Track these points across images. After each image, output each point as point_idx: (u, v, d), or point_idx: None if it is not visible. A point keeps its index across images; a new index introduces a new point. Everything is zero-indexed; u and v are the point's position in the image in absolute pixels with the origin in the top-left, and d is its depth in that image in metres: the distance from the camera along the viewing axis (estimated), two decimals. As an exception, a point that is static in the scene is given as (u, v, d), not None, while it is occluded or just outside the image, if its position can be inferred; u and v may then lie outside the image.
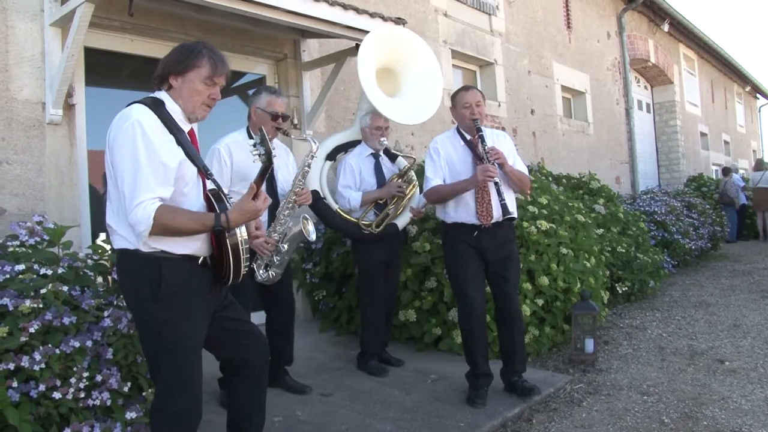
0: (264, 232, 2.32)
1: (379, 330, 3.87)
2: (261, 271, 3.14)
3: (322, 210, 3.85)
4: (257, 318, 3.00)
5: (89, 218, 3.87)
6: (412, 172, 3.92)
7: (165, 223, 1.92)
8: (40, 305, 2.26)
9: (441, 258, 4.05)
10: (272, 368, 2.64)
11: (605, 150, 10.60)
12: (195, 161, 2.08)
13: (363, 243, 3.82)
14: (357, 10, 4.47)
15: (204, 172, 2.12)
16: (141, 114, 1.98)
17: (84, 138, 3.84)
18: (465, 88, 3.46)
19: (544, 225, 4.38)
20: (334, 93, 5.21)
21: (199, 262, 2.09)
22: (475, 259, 3.31)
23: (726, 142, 18.12)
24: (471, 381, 3.34)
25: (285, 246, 3.14)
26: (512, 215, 3.24)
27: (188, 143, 2.08)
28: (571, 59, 9.79)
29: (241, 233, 2.04)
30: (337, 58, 4.94)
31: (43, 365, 2.16)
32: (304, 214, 3.20)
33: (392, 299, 4.01)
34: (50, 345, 2.20)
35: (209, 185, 2.14)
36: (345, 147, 4.06)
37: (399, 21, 4.91)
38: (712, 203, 11.20)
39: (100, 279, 2.79)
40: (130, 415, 2.27)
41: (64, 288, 2.37)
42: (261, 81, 5.12)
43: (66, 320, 2.27)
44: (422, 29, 6.46)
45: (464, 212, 3.32)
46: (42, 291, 2.31)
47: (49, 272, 2.44)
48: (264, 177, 2.02)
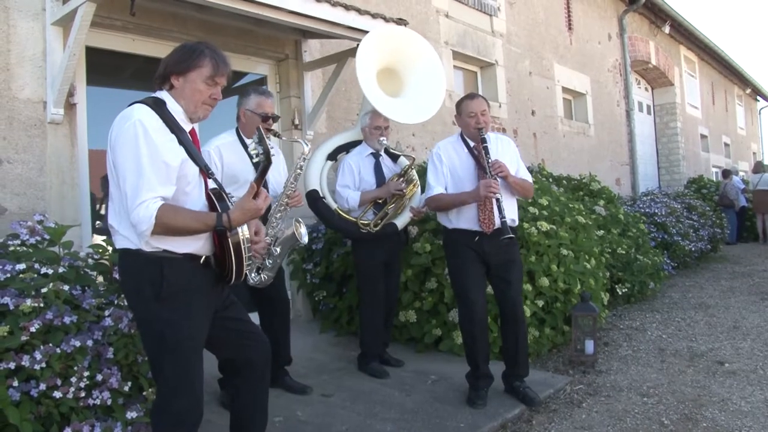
0: (263, 237, 2.31)
1: (378, 330, 3.86)
2: (253, 275, 3.10)
3: (322, 210, 3.85)
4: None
5: (90, 218, 3.88)
6: (413, 172, 3.92)
7: (167, 222, 1.92)
8: (41, 304, 2.26)
9: (442, 259, 4.05)
10: (272, 369, 2.64)
11: (606, 151, 10.61)
12: (197, 161, 2.08)
13: (362, 243, 3.82)
14: (359, 11, 4.47)
15: (205, 172, 2.12)
16: (143, 114, 1.98)
17: (85, 137, 3.84)
18: (470, 96, 3.43)
19: (545, 226, 4.38)
20: (335, 93, 5.21)
21: (201, 262, 2.09)
22: (477, 261, 3.31)
23: (726, 145, 18.13)
24: (471, 382, 3.35)
25: (277, 249, 3.11)
26: (511, 236, 3.14)
27: (190, 143, 2.08)
28: (572, 61, 9.80)
29: (243, 232, 2.05)
30: (339, 59, 4.94)
31: (44, 364, 2.16)
32: (297, 218, 3.19)
33: (392, 300, 4.00)
34: (51, 344, 2.21)
35: (211, 185, 2.14)
36: (346, 147, 4.06)
37: (401, 22, 4.92)
38: (712, 205, 11.20)
39: (101, 278, 2.79)
40: (131, 415, 2.28)
41: (65, 287, 2.38)
42: (262, 81, 5.12)
43: (67, 319, 2.28)
44: (424, 30, 6.46)
45: (466, 219, 3.31)
46: (43, 290, 2.31)
47: (50, 271, 2.44)
48: (264, 176, 2.03)
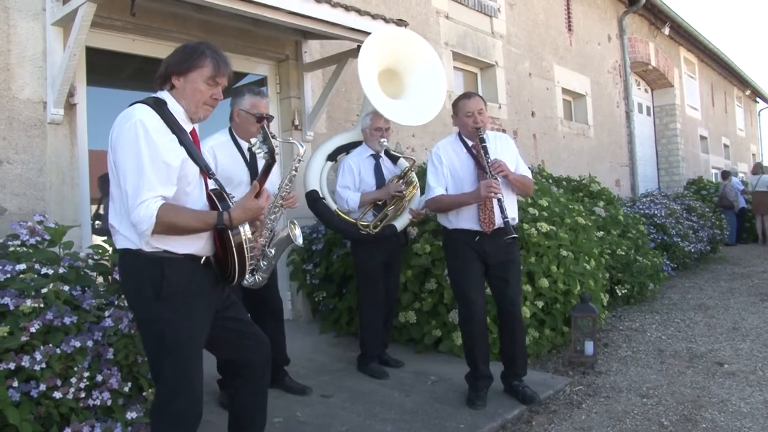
0: (258, 238, 2.31)
1: (378, 331, 3.86)
2: (247, 276, 3.10)
3: (321, 210, 3.86)
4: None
5: (90, 218, 3.87)
6: (413, 174, 3.92)
7: (168, 222, 1.92)
8: (41, 305, 2.26)
9: (441, 260, 4.05)
10: (272, 369, 2.64)
11: (605, 153, 10.61)
12: (197, 161, 2.08)
13: (362, 244, 3.82)
14: (359, 12, 4.47)
15: (206, 172, 2.12)
16: (143, 114, 1.98)
17: (85, 138, 3.83)
18: (467, 96, 3.41)
19: (545, 227, 4.38)
20: (336, 94, 5.21)
21: (202, 262, 2.09)
22: (476, 262, 3.31)
23: (726, 146, 18.13)
24: (471, 382, 3.35)
25: (272, 251, 3.11)
26: (515, 236, 3.16)
27: (190, 143, 2.08)
28: (572, 62, 9.80)
29: (245, 231, 2.04)
30: (339, 60, 4.94)
31: (44, 365, 2.16)
32: (292, 219, 3.19)
33: (392, 301, 4.00)
34: (51, 345, 2.21)
35: (211, 185, 2.14)
36: (347, 148, 4.06)
37: (401, 23, 4.92)
38: (712, 206, 11.20)
39: (101, 279, 2.79)
40: (131, 415, 2.28)
41: (65, 288, 2.38)
42: (262, 82, 5.12)
43: (67, 320, 2.28)
44: (424, 31, 6.46)
45: (466, 219, 3.31)
46: (43, 291, 2.31)
47: (50, 272, 2.44)
48: (267, 175, 2.03)
